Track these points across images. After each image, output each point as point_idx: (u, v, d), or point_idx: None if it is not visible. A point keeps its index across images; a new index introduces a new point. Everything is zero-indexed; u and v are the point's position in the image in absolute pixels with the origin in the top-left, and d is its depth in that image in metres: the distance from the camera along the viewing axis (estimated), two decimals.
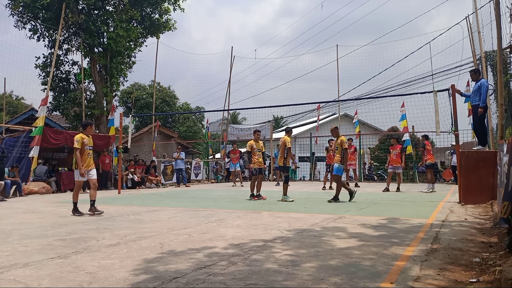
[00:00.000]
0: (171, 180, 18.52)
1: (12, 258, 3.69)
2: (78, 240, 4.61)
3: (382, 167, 21.77)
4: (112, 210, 7.75)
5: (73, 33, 18.46)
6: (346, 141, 9.19)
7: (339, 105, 22.88)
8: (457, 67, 17.83)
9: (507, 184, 3.84)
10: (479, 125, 8.88)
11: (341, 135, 9.20)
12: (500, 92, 7.65)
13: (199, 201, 9.82)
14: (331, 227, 5.40)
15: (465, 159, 8.36)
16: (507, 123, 10.30)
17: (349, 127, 23.30)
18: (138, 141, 22.55)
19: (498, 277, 2.90)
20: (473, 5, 14.57)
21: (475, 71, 8.99)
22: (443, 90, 10.07)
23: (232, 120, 34.04)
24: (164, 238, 4.66)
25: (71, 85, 19.28)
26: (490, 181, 7.43)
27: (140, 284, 2.86)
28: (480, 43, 14.23)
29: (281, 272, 3.12)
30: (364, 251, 3.88)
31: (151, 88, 28.74)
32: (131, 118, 18.31)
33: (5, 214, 7.31)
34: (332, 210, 7.39)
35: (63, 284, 2.89)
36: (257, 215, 6.84)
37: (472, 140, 15.30)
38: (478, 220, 5.93)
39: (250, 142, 10.06)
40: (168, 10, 20.18)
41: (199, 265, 3.35)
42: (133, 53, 20.10)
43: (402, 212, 7.05)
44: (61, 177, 14.18)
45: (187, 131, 31.73)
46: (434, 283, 2.85)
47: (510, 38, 7.89)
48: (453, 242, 4.30)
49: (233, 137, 23.03)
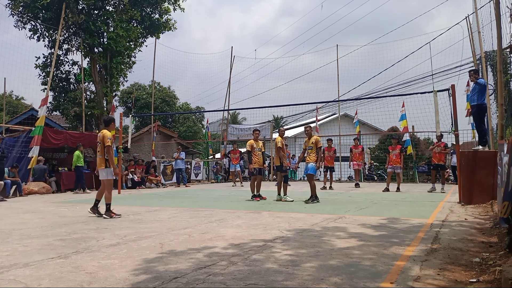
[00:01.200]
0: (171, 180, 18.52)
1: (12, 258, 3.69)
2: (78, 240, 4.61)
3: (382, 167, 21.75)
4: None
5: (73, 33, 18.46)
6: (320, 140, 9.10)
7: (339, 105, 22.86)
8: (457, 67, 17.84)
9: (507, 184, 3.84)
10: (479, 124, 8.89)
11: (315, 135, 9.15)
12: (500, 92, 7.64)
13: (199, 201, 9.82)
14: (331, 227, 5.40)
15: (465, 159, 8.36)
16: (507, 123, 10.30)
17: (349, 127, 23.29)
18: (138, 141, 22.54)
19: (498, 277, 2.90)
20: (473, 5, 14.57)
21: (474, 71, 9.00)
22: (443, 90, 10.08)
23: (232, 120, 34.01)
24: (164, 238, 4.66)
25: (71, 85, 19.28)
26: (490, 181, 7.43)
27: (140, 284, 2.86)
28: (480, 43, 14.22)
29: (281, 272, 3.12)
30: (364, 251, 3.88)
31: (151, 88, 28.73)
32: (131, 118, 18.30)
33: (5, 214, 7.31)
34: (332, 210, 7.39)
35: (63, 284, 2.89)
36: (257, 215, 6.84)
37: (472, 140, 15.30)
38: (478, 220, 5.93)
39: (250, 141, 10.02)
40: (168, 10, 20.18)
41: (199, 265, 3.35)
42: (133, 53, 20.10)
43: (402, 212, 7.05)
44: (61, 177, 14.17)
45: (187, 131, 31.71)
46: (434, 283, 2.85)
47: (510, 38, 7.88)
48: (453, 242, 4.30)
49: (233, 137, 23.01)
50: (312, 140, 8.90)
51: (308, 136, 9.12)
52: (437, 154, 11.91)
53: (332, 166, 14.00)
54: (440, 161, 11.95)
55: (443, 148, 11.98)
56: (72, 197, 11.68)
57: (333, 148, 14.09)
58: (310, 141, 8.96)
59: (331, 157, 13.83)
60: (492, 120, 13.14)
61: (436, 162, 11.99)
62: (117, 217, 6.59)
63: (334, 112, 27.51)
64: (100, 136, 6.92)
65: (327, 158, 13.67)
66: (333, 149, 14.05)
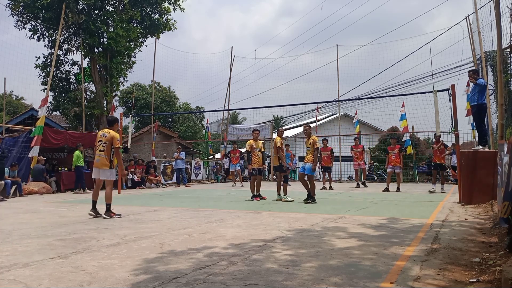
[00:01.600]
0: (171, 180, 18.52)
1: (12, 258, 3.69)
2: (78, 240, 4.61)
3: (382, 167, 21.75)
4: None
5: (73, 33, 18.45)
6: (318, 140, 9.09)
7: (339, 105, 22.87)
8: (457, 67, 17.85)
9: (507, 184, 3.84)
10: (479, 124, 8.89)
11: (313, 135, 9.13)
12: (500, 92, 7.64)
13: (199, 201, 9.82)
14: (331, 227, 5.40)
15: (465, 159, 8.36)
16: (507, 123, 10.29)
17: (349, 127, 23.28)
18: (138, 141, 22.54)
19: (498, 277, 2.90)
20: (473, 5, 14.56)
21: (474, 71, 8.99)
22: (443, 90, 10.08)
23: (232, 120, 34.01)
24: (164, 238, 4.66)
25: (71, 85, 19.27)
26: (490, 181, 7.42)
27: (140, 284, 2.86)
28: (480, 43, 14.22)
29: (281, 272, 3.12)
30: (364, 251, 3.88)
31: (151, 88, 28.73)
32: (131, 118, 18.29)
33: (5, 214, 7.31)
34: (332, 210, 7.39)
35: (63, 284, 2.89)
36: (257, 215, 6.84)
37: (472, 140, 15.30)
38: (478, 220, 5.93)
39: (249, 141, 10.01)
40: (168, 10, 20.17)
41: (199, 265, 3.35)
42: (133, 53, 20.09)
43: (402, 212, 7.06)
44: (61, 177, 14.18)
45: (187, 131, 31.70)
46: (434, 283, 2.85)
47: (510, 38, 7.88)
48: (453, 242, 4.30)
49: (233, 137, 23.02)
50: (310, 141, 8.89)
51: (307, 136, 9.11)
52: (438, 153, 11.91)
53: (328, 166, 13.97)
54: (442, 161, 11.95)
55: (443, 147, 11.98)
56: (72, 197, 11.69)
57: (329, 148, 14.03)
58: (309, 141, 8.96)
59: (328, 157, 13.80)
60: (492, 120, 13.14)
61: (438, 161, 11.97)
62: (117, 217, 6.59)
63: (334, 112, 27.52)
64: (107, 137, 6.82)
65: (324, 158, 13.67)
66: (329, 148, 13.98)
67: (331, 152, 14.03)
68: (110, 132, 6.89)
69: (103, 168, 6.81)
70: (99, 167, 6.84)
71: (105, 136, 6.86)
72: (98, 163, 6.86)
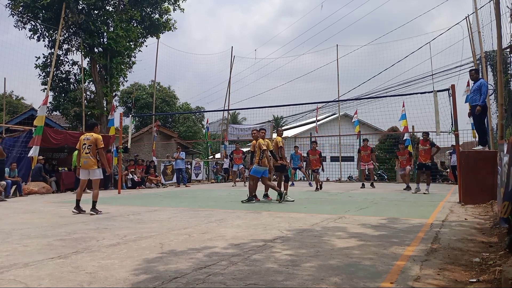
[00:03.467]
0: (171, 180, 18.52)
1: (12, 258, 3.69)
2: (78, 240, 4.61)
3: (382, 167, 21.75)
4: (112, 210, 7.74)
5: (73, 33, 18.47)
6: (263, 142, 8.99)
7: (339, 105, 22.86)
8: (457, 67, 17.82)
9: (507, 184, 3.84)
10: (479, 125, 8.88)
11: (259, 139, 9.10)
12: (500, 92, 7.64)
13: (199, 201, 9.82)
14: (331, 227, 5.40)
15: (465, 159, 8.36)
16: (507, 123, 10.30)
17: (349, 127, 23.26)
18: (138, 141, 22.55)
19: (498, 277, 2.90)
20: (473, 5, 14.57)
21: (475, 70, 8.99)
22: (443, 90, 10.07)
23: (232, 120, 34.00)
24: (164, 238, 4.66)
25: (71, 85, 19.29)
26: (490, 181, 7.42)
27: (140, 284, 2.86)
28: (480, 43, 14.22)
29: (281, 272, 3.12)
30: (364, 251, 3.88)
31: (151, 88, 28.74)
32: (131, 118, 18.30)
33: (5, 214, 7.31)
34: (332, 210, 7.39)
35: (63, 284, 2.89)
36: (257, 215, 6.84)
37: (472, 140, 15.30)
38: (478, 220, 5.93)
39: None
40: (168, 10, 20.20)
41: (199, 265, 3.35)
42: (133, 53, 20.11)
43: (402, 212, 7.06)
44: (61, 177, 14.17)
45: (187, 131, 31.72)
46: (434, 283, 2.85)
47: (510, 38, 7.89)
48: (453, 242, 4.30)
49: (233, 137, 23.01)
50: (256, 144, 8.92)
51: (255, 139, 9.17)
52: (423, 153, 11.56)
53: (317, 168, 13.82)
54: (427, 161, 11.51)
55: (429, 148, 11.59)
56: (72, 197, 11.60)
57: (317, 151, 13.94)
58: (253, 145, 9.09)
59: (316, 160, 13.66)
60: (492, 120, 13.14)
61: (423, 161, 11.54)
62: (100, 213, 7.02)
63: (334, 112, 27.52)
64: (91, 139, 7.26)
65: (312, 161, 13.67)
66: (317, 152, 13.88)
67: (319, 156, 13.95)
68: (93, 135, 7.35)
69: (93, 168, 7.23)
70: (88, 168, 7.24)
71: (89, 139, 7.29)
72: (86, 165, 7.24)
